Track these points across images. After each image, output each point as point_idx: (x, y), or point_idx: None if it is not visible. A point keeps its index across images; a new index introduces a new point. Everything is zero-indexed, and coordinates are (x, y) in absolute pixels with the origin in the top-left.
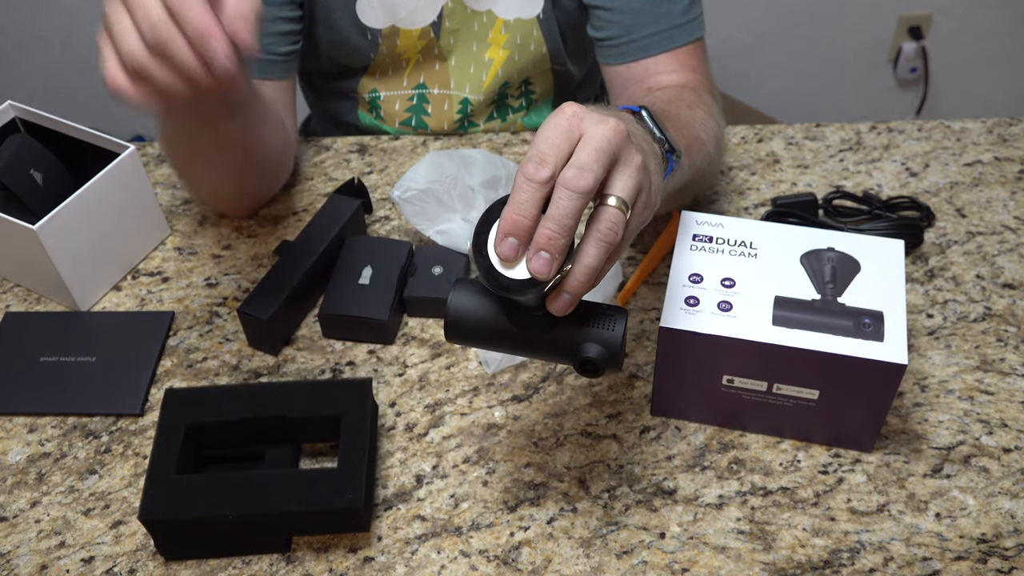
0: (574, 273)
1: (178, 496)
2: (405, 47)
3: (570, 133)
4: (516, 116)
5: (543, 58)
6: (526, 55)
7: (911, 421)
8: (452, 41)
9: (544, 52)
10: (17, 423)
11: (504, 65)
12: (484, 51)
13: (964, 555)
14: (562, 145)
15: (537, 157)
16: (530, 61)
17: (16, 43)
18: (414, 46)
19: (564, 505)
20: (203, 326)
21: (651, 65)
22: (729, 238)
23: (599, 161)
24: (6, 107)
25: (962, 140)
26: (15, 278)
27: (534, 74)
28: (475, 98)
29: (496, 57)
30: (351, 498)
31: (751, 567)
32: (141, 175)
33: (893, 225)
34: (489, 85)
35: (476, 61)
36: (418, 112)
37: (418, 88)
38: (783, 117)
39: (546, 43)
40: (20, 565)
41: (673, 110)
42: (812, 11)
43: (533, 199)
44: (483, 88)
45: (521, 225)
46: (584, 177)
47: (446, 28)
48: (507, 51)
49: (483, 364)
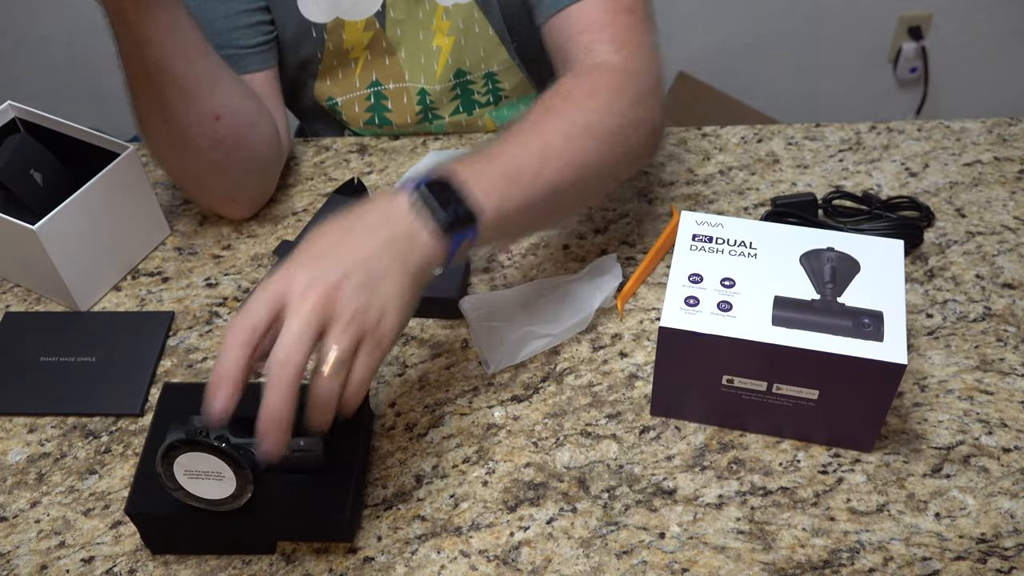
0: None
1: (166, 491)
2: (352, 41)
3: (269, 314)
4: (483, 111)
5: (494, 44)
6: (472, 39)
7: (911, 421)
8: (399, 32)
9: (491, 34)
10: (17, 423)
11: (452, 52)
12: (431, 39)
13: (964, 555)
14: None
15: (239, 326)
16: (479, 46)
17: (17, 43)
18: (360, 40)
19: (564, 505)
20: (203, 326)
21: (577, 12)
22: (729, 238)
23: (300, 341)
24: (6, 107)
25: (962, 140)
26: (15, 278)
27: (497, 67)
28: (432, 87)
29: (443, 44)
30: (337, 510)
31: (751, 567)
32: (141, 175)
33: (893, 225)
34: (442, 73)
35: (425, 50)
36: (378, 110)
37: (372, 86)
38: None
39: (491, 25)
40: (20, 565)
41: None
42: (812, 11)
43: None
44: (436, 76)
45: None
46: (286, 369)
47: (391, 18)
48: (452, 37)
49: (483, 364)
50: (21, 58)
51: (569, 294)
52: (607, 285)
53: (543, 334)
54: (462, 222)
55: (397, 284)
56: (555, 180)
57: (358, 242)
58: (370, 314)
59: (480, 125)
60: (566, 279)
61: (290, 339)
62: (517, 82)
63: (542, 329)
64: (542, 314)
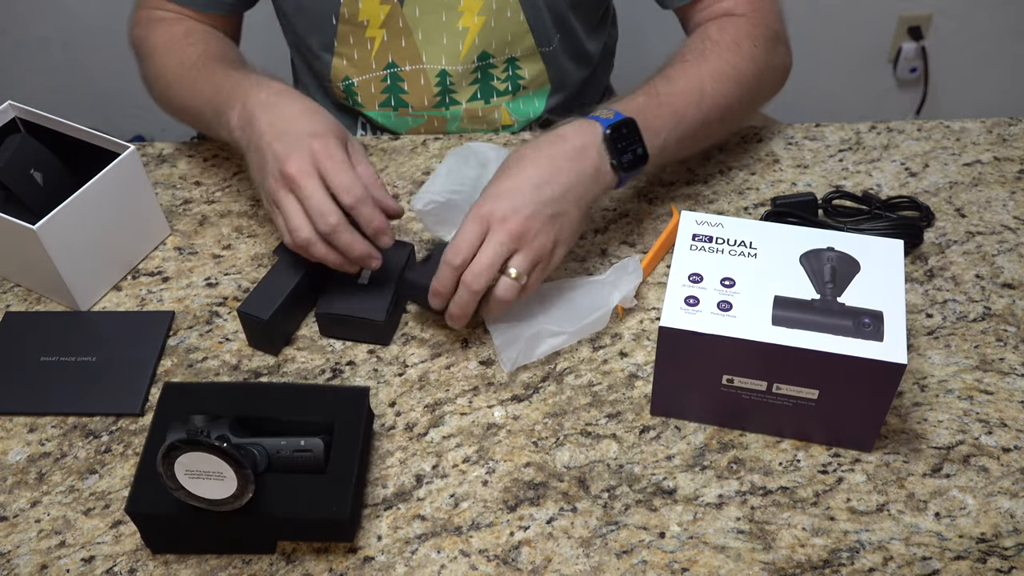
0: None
1: (166, 491)
2: (368, 13)
3: (478, 237)
4: (501, 100)
5: (523, 30)
6: (503, 21)
7: (911, 421)
8: (417, 12)
9: (522, 20)
10: (17, 423)
11: (481, 32)
12: (456, 20)
13: (963, 555)
14: (474, 242)
15: (455, 249)
16: (509, 29)
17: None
18: (376, 13)
19: (564, 505)
20: (203, 326)
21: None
22: (729, 238)
23: (492, 265)
24: (6, 107)
25: (962, 140)
26: (15, 278)
27: (520, 53)
28: (453, 68)
29: (471, 25)
30: (336, 510)
31: (751, 567)
32: (141, 175)
33: (893, 225)
34: (466, 54)
35: (448, 31)
36: (394, 91)
37: (388, 68)
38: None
39: (523, 10)
40: (20, 565)
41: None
42: (812, 11)
43: (451, 277)
44: (460, 57)
45: (442, 292)
46: (477, 282)
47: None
48: (483, 18)
49: (500, 364)
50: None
51: (587, 292)
52: (625, 285)
53: (558, 332)
54: (637, 163)
55: (574, 220)
56: (705, 120)
57: (554, 176)
58: (548, 247)
59: (496, 118)
60: (585, 279)
61: (486, 261)
62: (536, 72)
63: (558, 327)
64: (558, 312)
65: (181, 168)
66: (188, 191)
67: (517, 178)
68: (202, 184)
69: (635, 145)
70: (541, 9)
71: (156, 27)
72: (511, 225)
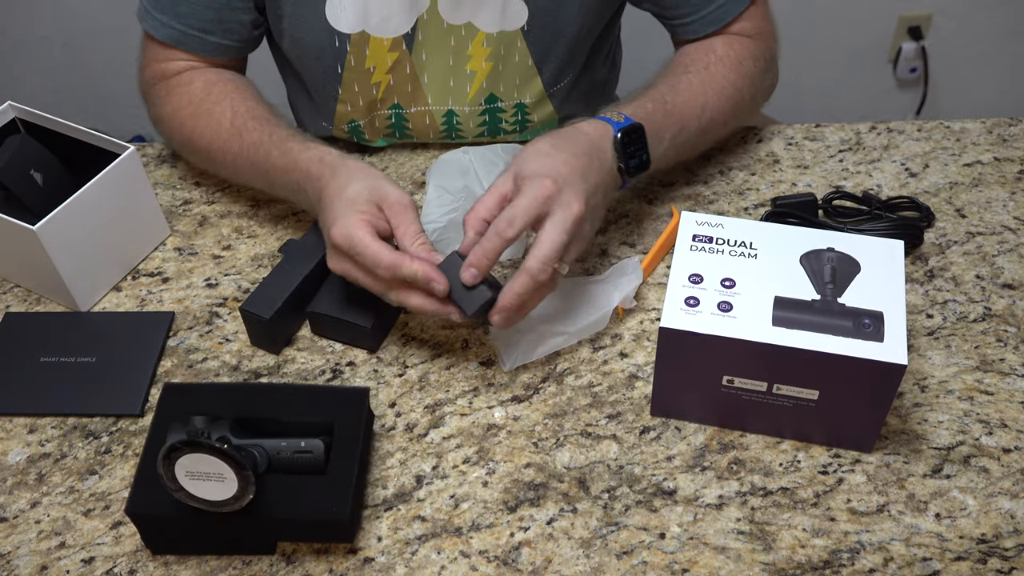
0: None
1: (166, 492)
2: (375, 60)
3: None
4: (508, 137)
5: (531, 74)
6: (510, 67)
7: (911, 421)
8: (424, 56)
9: (529, 65)
10: (17, 423)
11: (488, 77)
12: (464, 64)
13: (964, 555)
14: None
15: (507, 220)
16: (517, 73)
17: (16, 44)
18: (383, 60)
19: (564, 505)
20: (203, 326)
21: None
22: (729, 238)
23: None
24: (6, 107)
25: (962, 140)
26: (15, 278)
27: (529, 99)
28: (460, 109)
29: (479, 69)
30: (336, 511)
31: (751, 567)
32: (141, 175)
33: (893, 225)
34: (474, 96)
35: (455, 74)
36: (399, 128)
37: (393, 108)
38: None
39: (531, 55)
40: (20, 566)
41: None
42: (812, 11)
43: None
44: (468, 99)
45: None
46: (544, 271)
47: (419, 42)
48: (490, 64)
49: (500, 364)
50: (21, 58)
51: (587, 293)
52: (626, 285)
53: (560, 332)
54: (641, 168)
55: (603, 209)
56: (701, 131)
57: (594, 169)
58: (590, 233)
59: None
60: (585, 279)
61: (552, 248)
62: (546, 114)
63: (559, 327)
64: (559, 312)
65: (181, 168)
66: (188, 191)
67: (564, 169)
68: (202, 184)
69: (641, 151)
70: (550, 51)
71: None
72: (575, 210)
